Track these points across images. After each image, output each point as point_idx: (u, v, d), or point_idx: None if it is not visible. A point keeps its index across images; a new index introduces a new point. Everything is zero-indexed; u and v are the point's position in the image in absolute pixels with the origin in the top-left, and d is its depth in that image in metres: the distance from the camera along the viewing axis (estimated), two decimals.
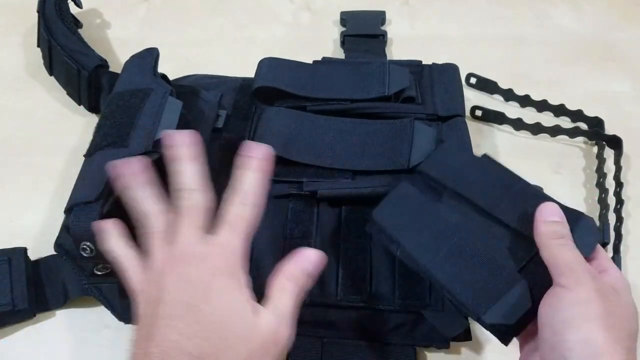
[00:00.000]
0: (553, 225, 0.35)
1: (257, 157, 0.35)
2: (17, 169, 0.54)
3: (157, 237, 0.34)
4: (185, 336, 0.30)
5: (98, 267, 0.42)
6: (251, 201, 0.34)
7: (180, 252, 0.33)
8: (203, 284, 0.31)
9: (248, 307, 0.31)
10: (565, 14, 0.68)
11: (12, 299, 0.43)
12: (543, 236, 0.35)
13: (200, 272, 0.32)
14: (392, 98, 0.51)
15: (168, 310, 0.31)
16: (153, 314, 0.31)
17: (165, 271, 0.32)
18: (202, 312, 0.31)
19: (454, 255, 0.37)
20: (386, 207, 0.40)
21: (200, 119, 0.51)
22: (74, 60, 0.54)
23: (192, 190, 0.34)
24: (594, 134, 0.55)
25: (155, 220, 0.34)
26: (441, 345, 0.42)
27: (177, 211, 0.34)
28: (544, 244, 0.35)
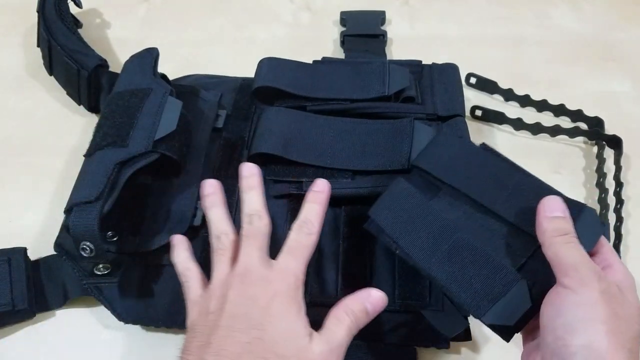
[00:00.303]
0: (557, 221, 0.33)
1: (321, 192, 0.39)
2: (17, 169, 0.54)
3: (224, 254, 0.37)
4: (245, 349, 0.32)
5: (98, 267, 0.42)
6: (311, 230, 0.37)
7: (245, 270, 0.35)
8: (265, 303, 0.34)
9: (304, 332, 0.33)
10: (565, 14, 0.68)
11: (12, 299, 0.43)
12: (546, 233, 0.33)
13: (262, 291, 0.34)
14: (392, 98, 0.51)
15: (229, 322, 0.33)
16: (212, 324, 0.34)
17: (228, 286, 0.35)
18: (262, 329, 0.33)
19: (452, 255, 0.36)
20: (383, 206, 0.40)
21: (200, 119, 0.51)
22: (73, 60, 0.54)
23: (258, 216, 0.38)
24: (594, 133, 0.55)
25: (225, 239, 0.38)
26: (441, 345, 0.42)
27: (242, 233, 0.37)
28: (547, 242, 0.33)
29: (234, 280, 0.35)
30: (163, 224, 0.45)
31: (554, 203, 0.34)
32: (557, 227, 0.33)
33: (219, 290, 0.36)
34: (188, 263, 0.39)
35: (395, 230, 0.38)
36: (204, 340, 0.33)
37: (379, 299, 0.36)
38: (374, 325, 0.42)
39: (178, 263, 0.40)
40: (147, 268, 0.44)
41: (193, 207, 0.46)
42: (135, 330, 0.45)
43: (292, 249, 0.36)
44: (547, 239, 0.33)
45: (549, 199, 0.35)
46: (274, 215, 0.46)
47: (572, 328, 0.30)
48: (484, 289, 0.35)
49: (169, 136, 0.45)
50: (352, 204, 0.46)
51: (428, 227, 0.38)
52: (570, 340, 0.29)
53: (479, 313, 0.35)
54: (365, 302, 0.36)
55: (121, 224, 0.45)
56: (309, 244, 0.37)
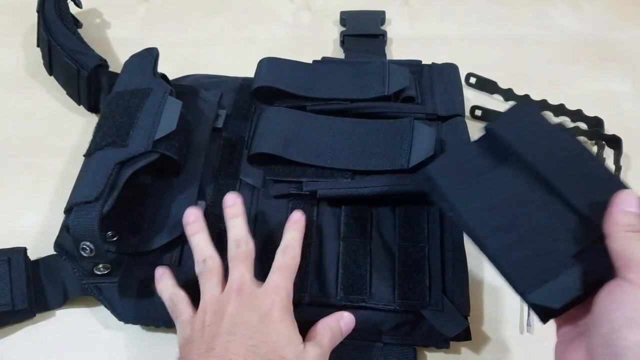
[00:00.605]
0: (631, 216, 0.32)
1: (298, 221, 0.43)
2: (16, 169, 0.54)
3: (213, 276, 0.40)
4: (250, 350, 0.35)
5: (98, 267, 0.42)
6: (294, 254, 0.41)
7: (240, 286, 0.38)
8: (265, 311, 0.37)
9: (299, 339, 0.37)
10: (565, 14, 0.68)
11: (11, 298, 0.43)
12: (618, 226, 0.32)
13: (260, 302, 0.37)
14: (392, 98, 0.51)
15: (231, 329, 0.36)
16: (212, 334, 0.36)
17: (225, 302, 0.38)
18: (265, 333, 0.36)
19: (509, 227, 0.35)
20: (444, 164, 0.38)
21: (200, 119, 0.51)
22: (73, 60, 0.54)
23: (245, 241, 0.41)
24: (594, 133, 0.55)
25: (212, 262, 0.40)
26: (441, 345, 0.42)
27: (231, 257, 0.40)
28: (617, 235, 0.32)
29: (230, 296, 0.38)
30: (163, 224, 0.45)
31: (631, 198, 0.33)
32: (630, 222, 0.32)
33: (213, 306, 0.38)
34: (174, 289, 0.41)
35: (454, 191, 0.37)
36: (205, 347, 0.35)
37: (350, 320, 0.40)
38: (374, 325, 0.42)
39: (164, 291, 0.42)
40: (147, 268, 0.44)
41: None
42: (135, 330, 0.45)
43: (280, 269, 0.40)
44: (617, 232, 0.32)
45: (627, 193, 0.34)
46: (274, 215, 0.46)
47: (632, 323, 0.29)
48: (536, 267, 0.34)
49: (169, 136, 0.45)
50: (351, 204, 0.46)
51: (489, 194, 0.36)
52: (627, 334, 0.29)
53: (525, 290, 0.33)
54: (340, 322, 0.40)
55: (121, 223, 0.45)
56: (293, 265, 0.41)
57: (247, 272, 0.39)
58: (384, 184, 0.45)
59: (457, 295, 0.42)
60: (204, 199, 0.47)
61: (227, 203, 0.43)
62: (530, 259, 0.34)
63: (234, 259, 0.40)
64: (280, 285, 0.39)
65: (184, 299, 0.41)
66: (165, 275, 0.42)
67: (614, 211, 0.33)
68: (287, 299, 0.39)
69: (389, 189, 0.45)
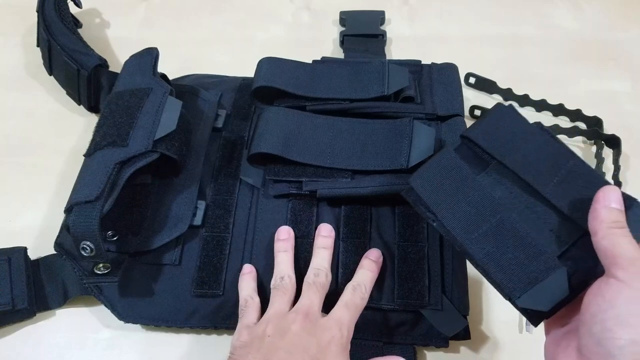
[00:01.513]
0: (615, 212, 0.32)
1: (376, 261, 0.43)
2: (16, 169, 0.54)
3: (285, 293, 0.41)
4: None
5: (98, 267, 0.42)
6: (364, 295, 0.41)
7: (308, 310, 0.39)
8: (324, 344, 0.37)
9: None
10: (564, 14, 0.68)
11: (12, 298, 0.43)
12: (603, 223, 0.32)
13: (322, 331, 0.38)
14: (392, 98, 0.51)
15: (289, 347, 0.36)
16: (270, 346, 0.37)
17: (291, 320, 0.38)
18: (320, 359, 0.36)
19: (493, 234, 0.35)
20: (425, 174, 0.38)
21: (200, 119, 0.51)
22: (73, 60, 0.54)
23: (325, 273, 0.42)
24: (593, 133, 0.55)
25: (288, 281, 0.42)
26: (440, 344, 0.42)
27: (308, 282, 0.41)
28: (603, 232, 0.32)
29: (297, 317, 0.38)
30: (163, 224, 0.45)
31: (614, 194, 0.33)
32: (616, 219, 0.32)
33: (278, 320, 0.39)
34: (253, 292, 0.43)
35: (436, 202, 0.37)
36: (261, 357, 0.36)
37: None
38: (373, 324, 0.42)
39: (244, 289, 0.43)
40: (147, 267, 0.44)
41: (193, 207, 0.46)
42: (135, 329, 0.45)
43: (347, 306, 0.40)
44: (603, 229, 0.32)
45: (610, 189, 0.33)
46: (274, 215, 0.46)
47: (623, 321, 0.29)
48: (522, 271, 0.34)
49: (169, 136, 0.45)
50: (351, 203, 0.46)
51: (471, 202, 0.36)
52: (619, 333, 0.29)
53: (513, 295, 0.34)
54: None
55: (121, 223, 0.45)
56: (360, 305, 0.40)
57: (317, 301, 0.40)
58: (383, 184, 0.45)
59: (457, 294, 0.42)
60: (204, 199, 0.47)
61: (322, 232, 0.45)
62: (516, 263, 0.34)
63: (309, 285, 0.41)
64: (344, 322, 0.39)
65: (257, 305, 0.42)
66: (250, 275, 0.44)
67: (598, 208, 0.33)
68: (347, 337, 0.38)
69: (388, 188, 0.45)
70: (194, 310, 0.43)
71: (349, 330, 0.39)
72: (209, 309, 0.43)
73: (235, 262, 0.44)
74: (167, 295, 0.44)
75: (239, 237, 0.46)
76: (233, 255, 0.45)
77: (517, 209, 0.36)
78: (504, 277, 0.34)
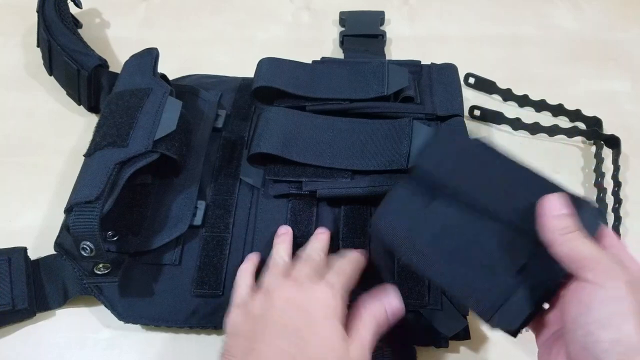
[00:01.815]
0: (564, 218, 0.33)
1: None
2: (16, 169, 0.54)
3: (278, 270, 0.40)
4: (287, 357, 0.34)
5: (98, 267, 0.43)
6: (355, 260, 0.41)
7: (294, 278, 0.38)
8: (310, 313, 0.36)
9: (343, 344, 0.36)
10: (564, 14, 0.68)
11: (12, 298, 0.43)
12: (555, 232, 0.32)
13: (308, 301, 0.37)
14: (391, 98, 0.51)
15: (274, 331, 0.36)
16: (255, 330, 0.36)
17: (276, 291, 0.38)
18: (306, 339, 0.35)
19: (454, 260, 0.36)
20: (383, 213, 0.39)
21: (200, 119, 0.51)
22: (73, 60, 0.54)
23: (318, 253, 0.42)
24: (592, 133, 0.55)
25: (281, 262, 0.41)
26: (440, 344, 0.42)
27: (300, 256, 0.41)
28: (559, 240, 0.32)
29: (282, 287, 0.38)
30: (163, 224, 0.45)
31: (556, 202, 0.33)
32: (566, 225, 0.32)
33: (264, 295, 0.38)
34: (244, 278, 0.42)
35: (396, 238, 0.38)
36: (247, 346, 0.36)
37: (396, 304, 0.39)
38: None
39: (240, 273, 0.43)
40: (148, 267, 0.44)
41: (193, 207, 0.46)
42: (135, 329, 0.45)
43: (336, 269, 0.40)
44: (558, 237, 0.32)
45: (550, 198, 0.34)
46: (273, 215, 0.46)
47: (603, 324, 0.29)
48: (486, 296, 0.34)
49: (169, 136, 0.45)
50: (351, 203, 0.46)
51: (427, 234, 0.37)
52: (602, 335, 0.29)
53: (484, 319, 0.34)
54: (386, 306, 0.39)
55: (121, 223, 0.45)
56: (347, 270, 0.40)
57: (307, 269, 0.39)
58: (383, 184, 0.45)
59: None
60: (204, 199, 0.47)
61: (319, 230, 0.45)
62: (479, 286, 0.35)
63: (301, 258, 0.41)
64: (333, 285, 0.38)
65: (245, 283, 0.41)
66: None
67: (545, 220, 0.33)
68: (338, 298, 0.37)
69: (388, 188, 0.45)
70: (194, 310, 0.44)
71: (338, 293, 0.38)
72: (209, 309, 0.44)
73: (235, 262, 0.44)
74: (167, 295, 0.44)
75: (239, 237, 0.46)
76: (233, 255, 0.45)
77: (473, 230, 0.36)
78: (473, 300, 0.35)
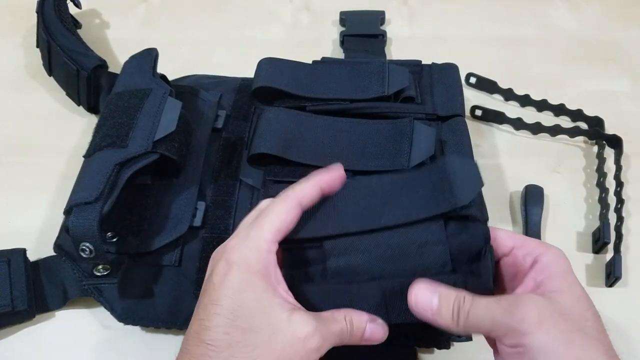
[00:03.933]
0: (444, 310, 0.31)
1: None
2: (16, 170, 0.54)
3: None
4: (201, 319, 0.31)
5: (97, 268, 0.42)
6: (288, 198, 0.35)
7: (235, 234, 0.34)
8: (222, 272, 0.32)
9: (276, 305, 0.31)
10: (564, 14, 0.68)
11: (11, 300, 0.43)
12: (447, 324, 0.31)
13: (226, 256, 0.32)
14: (392, 98, 0.51)
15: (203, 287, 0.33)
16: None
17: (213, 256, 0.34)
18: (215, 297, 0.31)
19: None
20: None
21: (200, 119, 0.51)
22: (73, 61, 0.54)
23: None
24: (594, 133, 0.55)
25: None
26: (442, 345, 0.42)
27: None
28: (455, 329, 0.31)
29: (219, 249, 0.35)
30: (163, 225, 0.45)
31: (424, 299, 0.32)
32: (449, 313, 0.31)
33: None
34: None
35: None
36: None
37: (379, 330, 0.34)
38: None
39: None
40: (148, 268, 0.44)
41: (193, 208, 0.46)
42: (135, 331, 0.44)
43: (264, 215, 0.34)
44: (453, 327, 0.31)
45: (417, 296, 0.32)
46: None
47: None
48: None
49: (169, 137, 0.45)
50: None
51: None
52: None
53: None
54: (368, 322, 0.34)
55: (121, 224, 0.45)
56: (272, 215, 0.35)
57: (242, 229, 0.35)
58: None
59: None
60: (204, 200, 0.47)
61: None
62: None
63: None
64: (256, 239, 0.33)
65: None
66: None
67: (429, 320, 0.32)
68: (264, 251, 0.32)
69: None
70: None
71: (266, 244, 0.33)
72: None
73: None
74: (167, 296, 0.44)
75: None
76: None
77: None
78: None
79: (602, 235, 0.47)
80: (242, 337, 0.30)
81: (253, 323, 0.30)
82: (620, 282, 0.46)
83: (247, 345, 0.30)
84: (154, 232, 0.44)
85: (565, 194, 0.52)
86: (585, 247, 0.49)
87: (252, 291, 0.31)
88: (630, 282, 0.47)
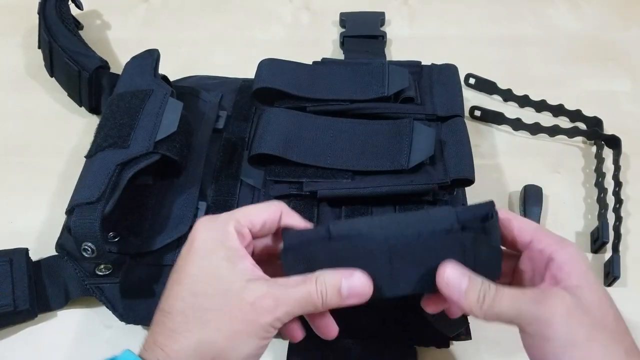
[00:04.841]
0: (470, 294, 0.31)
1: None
2: (18, 170, 0.54)
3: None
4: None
5: (99, 268, 0.43)
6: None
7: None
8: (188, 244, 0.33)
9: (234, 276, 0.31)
10: (564, 14, 0.68)
11: (13, 299, 0.43)
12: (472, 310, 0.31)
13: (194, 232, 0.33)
14: (392, 98, 0.51)
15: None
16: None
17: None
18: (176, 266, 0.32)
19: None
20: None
21: (201, 120, 0.51)
22: (74, 62, 0.54)
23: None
24: (593, 133, 0.55)
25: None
26: (441, 344, 0.42)
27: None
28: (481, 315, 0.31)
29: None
30: (164, 225, 0.45)
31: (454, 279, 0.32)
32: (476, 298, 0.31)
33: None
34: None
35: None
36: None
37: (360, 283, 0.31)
38: (374, 325, 0.42)
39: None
40: (149, 268, 0.44)
41: (194, 208, 0.46)
42: (137, 330, 0.45)
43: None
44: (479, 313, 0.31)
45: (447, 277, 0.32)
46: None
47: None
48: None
49: (170, 137, 0.45)
50: (352, 204, 0.46)
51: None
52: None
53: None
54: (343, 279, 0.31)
55: (122, 224, 0.45)
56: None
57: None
58: (383, 184, 0.45)
59: None
60: (204, 200, 0.47)
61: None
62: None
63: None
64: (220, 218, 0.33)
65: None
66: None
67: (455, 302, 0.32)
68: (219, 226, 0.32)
69: (388, 189, 0.45)
70: None
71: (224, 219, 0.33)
72: None
73: None
74: None
75: None
76: None
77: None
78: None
79: (600, 235, 0.48)
80: (194, 302, 0.31)
81: (208, 289, 0.31)
82: (619, 282, 0.47)
83: (198, 310, 0.31)
84: (156, 232, 0.45)
85: (564, 194, 0.52)
86: (584, 246, 0.49)
87: (212, 259, 0.32)
88: (628, 282, 0.47)
